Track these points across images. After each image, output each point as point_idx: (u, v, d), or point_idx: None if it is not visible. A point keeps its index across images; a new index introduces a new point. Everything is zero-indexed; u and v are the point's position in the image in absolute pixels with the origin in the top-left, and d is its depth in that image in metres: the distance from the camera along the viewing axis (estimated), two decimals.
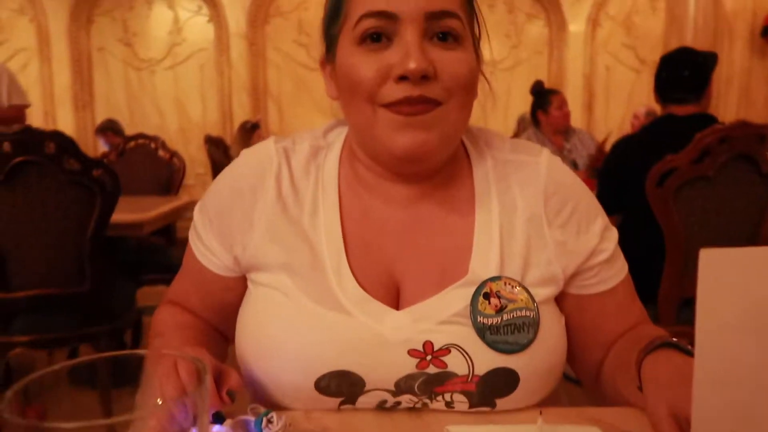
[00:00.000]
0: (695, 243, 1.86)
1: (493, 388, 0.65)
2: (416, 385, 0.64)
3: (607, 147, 2.66)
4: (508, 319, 0.65)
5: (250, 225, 0.71)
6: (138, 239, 2.99)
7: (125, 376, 0.46)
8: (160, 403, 0.45)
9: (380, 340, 0.64)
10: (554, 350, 0.69)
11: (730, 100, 6.06)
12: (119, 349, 0.46)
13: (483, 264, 0.68)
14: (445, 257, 0.70)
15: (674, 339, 0.64)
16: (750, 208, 1.89)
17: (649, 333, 0.69)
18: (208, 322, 0.80)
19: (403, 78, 0.62)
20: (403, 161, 0.67)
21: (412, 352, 0.64)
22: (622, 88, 6.25)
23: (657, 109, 2.38)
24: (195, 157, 5.66)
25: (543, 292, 0.69)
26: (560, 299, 0.73)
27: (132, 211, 2.37)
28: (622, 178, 2.06)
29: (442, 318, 0.65)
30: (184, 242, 0.82)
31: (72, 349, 2.41)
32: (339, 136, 0.76)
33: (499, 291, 0.66)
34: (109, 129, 4.98)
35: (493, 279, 0.67)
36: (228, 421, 0.60)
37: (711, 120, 2.02)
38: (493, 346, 0.64)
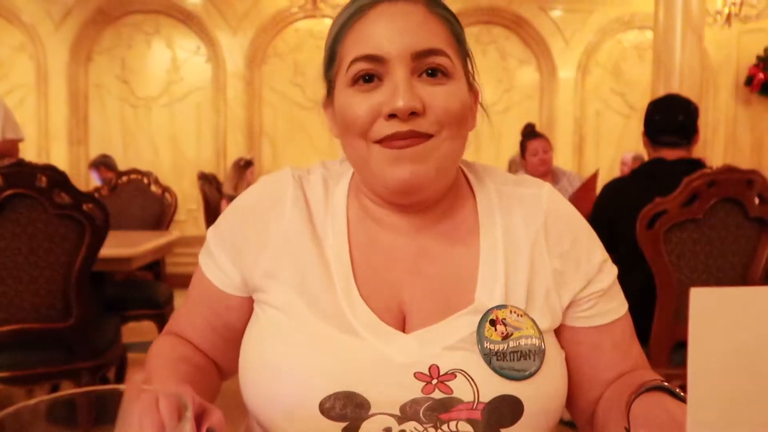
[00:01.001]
0: (686, 285, 1.86)
1: (499, 417, 0.64)
2: (421, 410, 0.63)
3: (598, 186, 2.69)
4: (514, 347, 0.66)
5: (264, 245, 0.72)
6: (125, 274, 2.95)
7: (108, 414, 0.44)
8: None
9: (388, 362, 0.65)
10: (558, 381, 0.69)
11: (717, 146, 6.18)
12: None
13: (488, 293, 0.69)
14: (451, 285, 0.71)
15: (666, 383, 0.63)
16: (738, 250, 1.90)
17: (643, 377, 0.68)
18: (205, 356, 0.79)
19: (392, 115, 0.65)
20: (398, 193, 0.69)
21: (418, 375, 0.64)
22: (612, 133, 6.37)
23: (644, 154, 2.41)
24: (188, 193, 5.66)
25: (545, 322, 0.69)
26: (557, 331, 0.72)
27: (121, 246, 2.35)
28: (612, 220, 2.07)
29: (448, 343, 0.66)
30: (173, 278, 0.81)
31: (53, 387, 2.35)
32: (348, 167, 0.78)
33: (505, 318, 0.67)
34: (102, 164, 4.99)
35: (499, 307, 0.68)
36: None
37: (699, 165, 2.05)
38: (499, 372, 0.64)
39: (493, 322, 0.66)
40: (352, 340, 0.66)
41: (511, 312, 0.68)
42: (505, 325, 0.67)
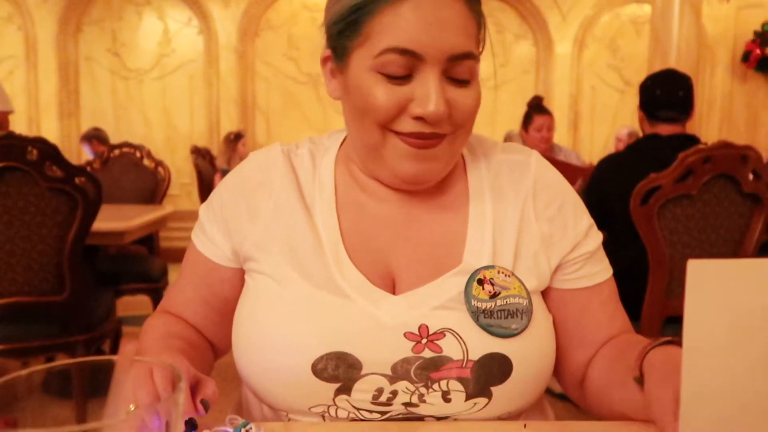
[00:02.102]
0: (678, 261, 1.88)
1: (488, 375, 0.65)
2: (412, 369, 0.65)
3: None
4: (501, 305, 0.67)
5: (254, 217, 0.73)
6: (119, 248, 2.95)
7: (103, 385, 0.44)
8: (133, 409, 0.43)
9: (377, 323, 0.66)
10: (546, 340, 0.70)
11: (713, 122, 6.17)
12: None
13: (476, 254, 0.71)
14: (439, 249, 0.72)
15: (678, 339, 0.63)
16: (732, 226, 1.91)
17: (640, 339, 0.70)
18: (199, 333, 0.80)
19: (420, 117, 0.65)
20: (405, 184, 0.71)
21: (408, 335, 0.66)
22: (607, 108, 6.34)
23: (638, 130, 2.40)
24: (181, 167, 5.62)
25: (531, 282, 0.71)
26: (545, 295, 0.74)
27: (114, 220, 2.34)
28: (607, 196, 2.07)
29: (436, 303, 0.68)
30: (167, 253, 0.81)
31: (48, 360, 2.36)
32: (335, 140, 0.79)
33: (492, 278, 0.69)
34: (94, 137, 4.93)
35: (486, 267, 0.69)
36: None
37: (694, 140, 2.04)
38: (487, 329, 0.66)
39: (480, 282, 0.68)
40: (342, 302, 0.67)
41: (498, 272, 0.69)
42: (492, 284, 0.68)
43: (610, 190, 2.07)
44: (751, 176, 1.86)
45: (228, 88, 5.90)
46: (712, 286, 0.39)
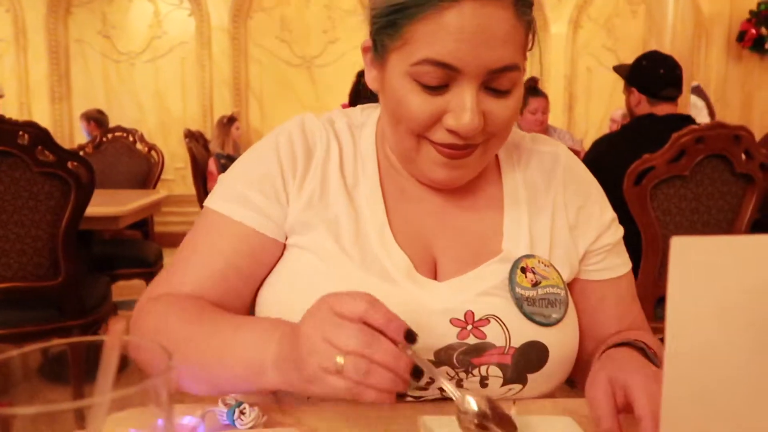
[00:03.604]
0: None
1: (526, 363, 0.66)
2: (455, 355, 0.66)
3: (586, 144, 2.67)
4: (543, 294, 0.68)
5: (300, 187, 0.71)
6: (113, 233, 2.94)
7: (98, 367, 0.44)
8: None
9: (424, 308, 0.66)
10: (576, 330, 0.72)
11: None
12: None
13: (514, 243, 0.72)
14: (478, 235, 0.73)
15: (639, 340, 0.66)
16: (724, 206, 1.92)
17: (628, 335, 0.70)
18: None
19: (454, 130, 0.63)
20: (437, 185, 0.71)
21: (454, 321, 0.66)
22: (603, 90, 6.31)
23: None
24: (175, 151, 5.59)
25: (565, 273, 0.72)
26: (569, 284, 0.75)
27: (108, 204, 2.33)
28: (601, 176, 2.07)
29: (480, 290, 0.68)
30: (161, 237, 0.79)
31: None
32: (370, 117, 0.78)
33: (534, 267, 0.70)
34: (94, 119, 4.87)
35: (528, 256, 0.70)
36: (198, 413, 0.59)
37: (689, 120, 2.05)
38: (530, 317, 0.67)
39: (523, 270, 0.69)
40: (389, 287, 0.67)
41: (539, 262, 0.70)
42: (534, 273, 0.69)
43: (605, 170, 2.07)
44: (743, 156, 1.86)
45: (221, 70, 5.84)
46: (695, 263, 0.40)
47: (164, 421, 0.36)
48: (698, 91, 4.24)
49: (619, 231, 0.79)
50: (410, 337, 0.52)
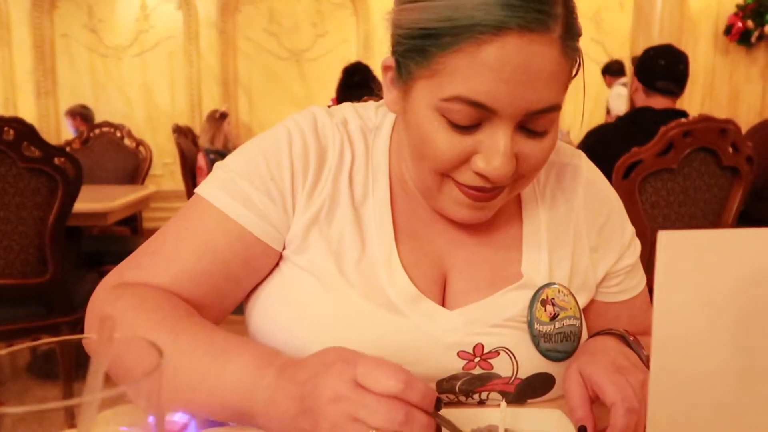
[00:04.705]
0: None
1: (531, 390, 0.65)
2: (458, 384, 0.64)
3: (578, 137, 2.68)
4: (559, 328, 0.65)
5: (309, 197, 0.65)
6: (102, 229, 2.92)
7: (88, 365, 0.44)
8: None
9: (432, 341, 0.63)
10: None
11: (695, 96, 6.20)
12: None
13: (534, 267, 0.67)
14: (495, 256, 0.68)
15: (625, 330, 0.66)
16: (711, 199, 1.94)
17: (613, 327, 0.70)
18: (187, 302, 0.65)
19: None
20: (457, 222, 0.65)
21: (461, 354, 0.63)
22: (591, 82, 6.31)
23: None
24: (163, 146, 5.55)
25: (582, 299, 0.69)
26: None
27: (96, 200, 2.31)
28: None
29: (495, 321, 0.64)
30: (150, 233, 0.72)
31: (32, 342, 2.35)
32: (386, 118, 0.70)
33: (554, 298, 0.66)
34: (80, 114, 4.82)
35: (548, 285, 0.66)
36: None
37: (684, 116, 2.06)
38: (545, 354, 0.64)
39: (543, 303, 0.65)
40: (393, 318, 0.62)
41: (559, 291, 0.66)
42: (553, 305, 0.65)
43: (599, 161, 2.08)
44: (730, 150, 1.88)
45: (209, 65, 5.80)
46: (682, 256, 0.40)
47: (155, 419, 0.36)
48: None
49: (638, 248, 0.74)
50: (439, 405, 0.48)
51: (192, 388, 0.55)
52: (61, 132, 5.50)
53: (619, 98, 4.69)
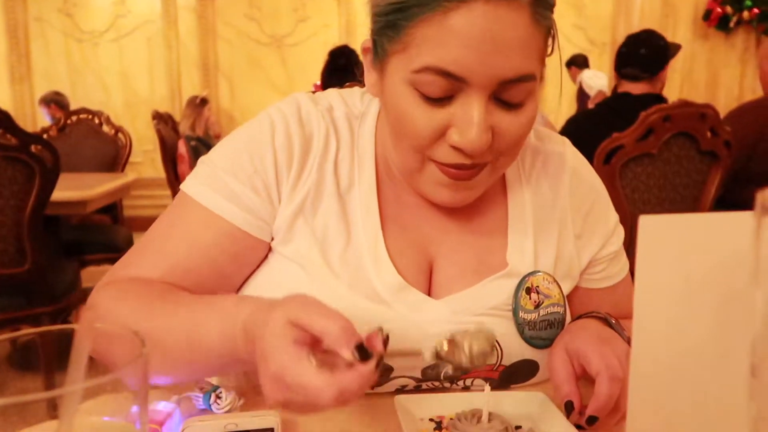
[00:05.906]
0: (638, 218, 1.93)
1: (515, 377, 0.66)
2: (443, 372, 0.64)
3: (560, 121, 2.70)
4: (543, 315, 0.66)
5: (293, 187, 0.65)
6: (81, 218, 2.88)
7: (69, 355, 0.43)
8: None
9: (416, 330, 0.62)
10: None
11: (674, 81, 6.26)
12: None
13: (519, 255, 0.68)
14: (480, 242, 0.69)
15: (606, 313, 0.67)
16: (690, 183, 1.97)
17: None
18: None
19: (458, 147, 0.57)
20: (441, 205, 0.66)
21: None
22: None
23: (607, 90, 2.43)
24: (143, 133, 5.46)
25: (566, 286, 0.70)
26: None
27: (74, 189, 2.28)
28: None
29: (480, 310, 0.65)
30: (131, 221, 0.74)
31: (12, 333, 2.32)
32: (371, 105, 0.70)
33: (538, 286, 0.66)
34: (54, 101, 4.72)
35: (533, 273, 0.67)
36: (174, 398, 0.59)
37: (661, 100, 2.09)
38: (529, 341, 0.65)
39: (528, 291, 0.66)
40: (378, 309, 0.63)
41: (543, 278, 0.67)
42: (538, 293, 0.66)
43: (580, 146, 2.10)
44: (709, 134, 1.90)
45: (188, 50, 5.70)
46: (663, 241, 0.40)
47: (139, 408, 0.36)
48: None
49: (621, 235, 0.75)
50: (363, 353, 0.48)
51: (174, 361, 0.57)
52: (37, 119, 5.38)
53: (595, 77, 4.72)
